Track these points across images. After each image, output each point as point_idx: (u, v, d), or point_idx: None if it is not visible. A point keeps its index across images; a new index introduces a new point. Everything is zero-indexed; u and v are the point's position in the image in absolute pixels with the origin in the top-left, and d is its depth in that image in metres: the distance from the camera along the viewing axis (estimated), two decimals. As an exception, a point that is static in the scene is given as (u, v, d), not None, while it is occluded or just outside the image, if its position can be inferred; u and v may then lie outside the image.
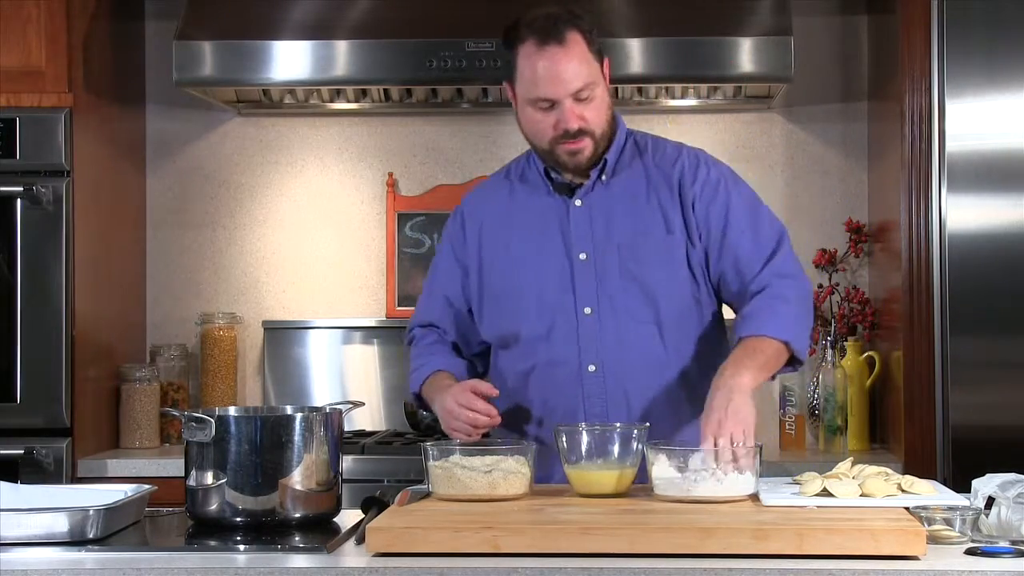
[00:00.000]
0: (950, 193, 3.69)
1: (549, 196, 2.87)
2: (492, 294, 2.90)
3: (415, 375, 2.94)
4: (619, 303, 2.80)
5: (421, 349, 2.97)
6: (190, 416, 2.42)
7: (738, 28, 3.89)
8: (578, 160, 2.79)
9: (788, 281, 2.79)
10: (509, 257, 2.88)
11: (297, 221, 4.47)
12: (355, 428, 4.25)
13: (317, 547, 2.26)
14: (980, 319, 3.68)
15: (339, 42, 3.95)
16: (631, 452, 2.57)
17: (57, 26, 3.89)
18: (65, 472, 3.82)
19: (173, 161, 4.48)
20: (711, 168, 2.86)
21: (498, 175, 3.00)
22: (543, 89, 2.72)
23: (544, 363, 2.83)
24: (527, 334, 2.84)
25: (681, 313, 2.82)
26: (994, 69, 3.68)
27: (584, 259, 2.82)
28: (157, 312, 4.46)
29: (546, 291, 2.83)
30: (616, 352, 2.80)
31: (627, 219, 2.82)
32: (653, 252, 2.81)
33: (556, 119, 2.74)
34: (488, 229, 2.92)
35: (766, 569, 2.08)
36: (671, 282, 2.81)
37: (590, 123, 2.75)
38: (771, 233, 2.83)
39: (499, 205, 2.93)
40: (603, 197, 2.84)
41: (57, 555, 2.24)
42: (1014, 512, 2.24)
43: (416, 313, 3.04)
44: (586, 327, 2.81)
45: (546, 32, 2.71)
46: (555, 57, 2.70)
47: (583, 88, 2.72)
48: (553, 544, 2.18)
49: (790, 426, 4.10)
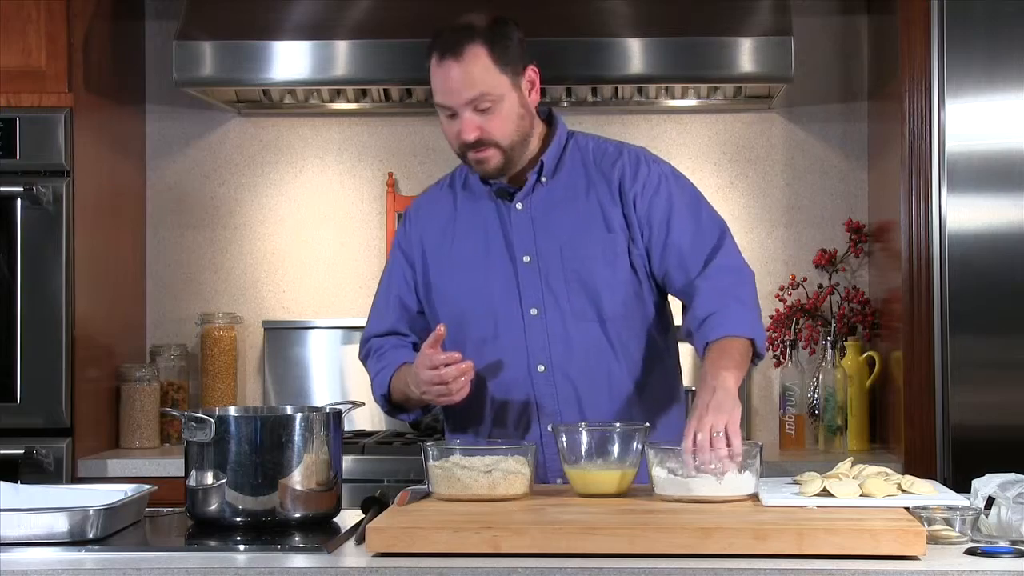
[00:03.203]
0: (950, 193, 3.69)
1: (490, 201, 2.90)
2: (439, 296, 2.92)
3: (379, 378, 2.94)
4: (563, 302, 2.83)
5: (382, 353, 2.96)
6: (190, 416, 2.42)
7: (738, 28, 3.89)
8: (485, 168, 2.82)
9: (733, 276, 2.81)
10: (453, 262, 2.90)
11: (297, 221, 4.47)
12: (355, 428, 4.25)
13: (317, 547, 2.26)
14: (980, 319, 3.68)
15: (339, 42, 3.96)
16: (631, 452, 2.57)
17: (57, 26, 3.89)
18: (65, 472, 3.83)
19: (173, 161, 4.48)
20: (651, 166, 2.88)
21: (442, 183, 3.03)
22: (439, 97, 2.77)
23: (493, 365, 2.85)
24: (474, 336, 2.85)
25: (625, 309, 2.84)
26: (994, 69, 3.68)
27: (528, 261, 2.85)
28: (157, 312, 4.46)
29: (492, 294, 2.85)
30: (563, 351, 2.82)
31: (567, 220, 2.85)
32: (594, 251, 2.83)
33: (458, 128, 2.78)
34: (430, 234, 2.94)
35: (766, 569, 2.09)
36: (613, 280, 2.83)
37: (492, 134, 2.77)
38: (712, 227, 2.85)
39: (443, 212, 2.95)
40: (543, 199, 2.86)
41: (57, 555, 2.24)
42: (1014, 512, 2.24)
43: (369, 325, 3.03)
44: (533, 328, 2.83)
45: (446, 45, 2.75)
46: (449, 69, 2.74)
47: (477, 99, 2.74)
48: (553, 544, 2.18)
49: (790, 426, 4.10)
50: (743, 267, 2.85)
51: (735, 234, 4.31)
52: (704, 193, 2.85)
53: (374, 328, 3.01)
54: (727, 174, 4.40)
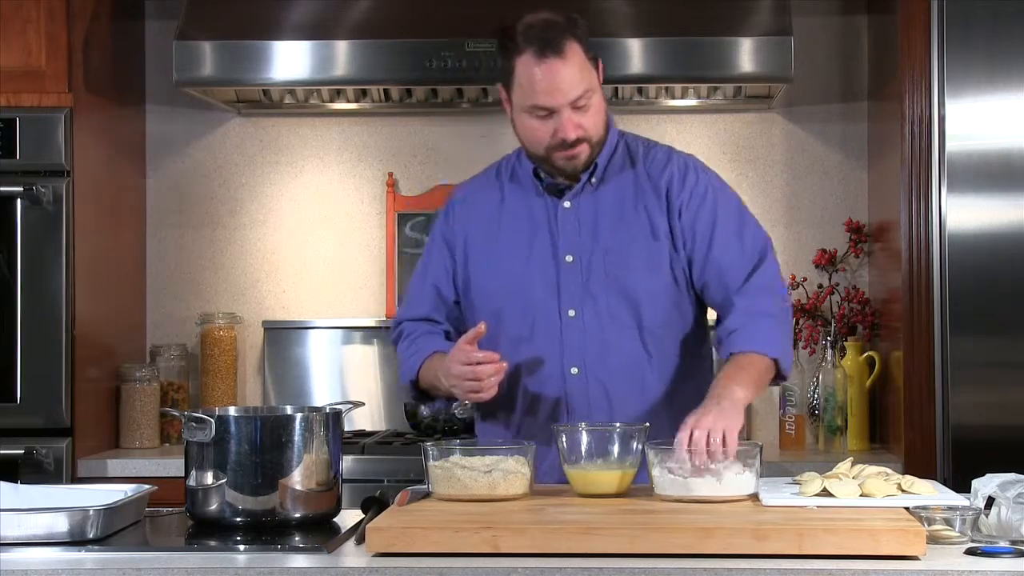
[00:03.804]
0: (950, 193, 3.69)
1: (538, 197, 2.88)
2: (478, 291, 2.90)
3: (409, 363, 2.92)
4: (602, 306, 2.81)
5: (414, 339, 2.95)
6: (190, 416, 2.42)
7: (738, 28, 3.89)
8: (575, 165, 2.80)
9: (771, 297, 2.80)
10: (496, 256, 2.89)
11: (297, 221, 4.47)
12: (355, 428, 4.25)
13: (317, 547, 2.26)
14: (980, 319, 3.68)
15: (339, 42, 3.96)
16: (631, 452, 2.57)
17: (57, 26, 3.89)
18: (65, 472, 3.82)
19: (173, 161, 4.48)
20: (699, 175, 2.87)
21: (489, 172, 3.00)
22: (541, 99, 2.72)
23: (527, 363, 2.84)
24: (511, 334, 2.84)
25: (663, 318, 2.83)
26: (994, 69, 3.68)
27: (570, 261, 2.83)
28: (157, 312, 4.46)
29: (531, 292, 2.84)
30: (598, 355, 2.81)
31: (614, 224, 2.83)
32: (638, 257, 2.82)
33: (554, 128, 2.74)
34: (476, 226, 2.93)
35: (766, 569, 2.09)
36: (654, 287, 2.82)
37: (588, 131, 2.76)
38: (756, 244, 2.85)
39: (490, 204, 2.93)
40: (591, 200, 2.85)
41: (57, 555, 2.24)
42: (1014, 512, 2.24)
43: (404, 308, 3.02)
44: (569, 329, 2.82)
45: (544, 43, 2.70)
46: (554, 68, 2.70)
47: (580, 96, 2.73)
48: (553, 544, 2.18)
49: (790, 426, 4.10)
50: (780, 288, 2.84)
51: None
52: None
53: (408, 312, 2.99)
54: (727, 174, 4.38)
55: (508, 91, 2.80)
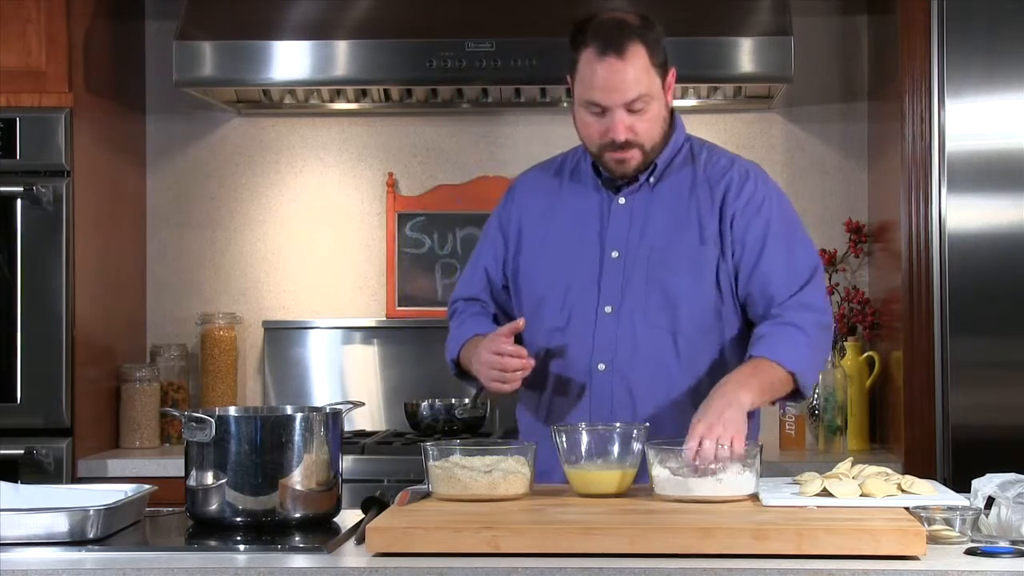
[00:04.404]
0: (950, 193, 3.69)
1: (596, 191, 2.88)
2: (524, 278, 2.92)
3: (453, 343, 2.96)
4: (639, 306, 2.80)
5: (463, 319, 2.98)
6: (190, 416, 2.42)
7: (738, 28, 3.89)
8: (624, 169, 2.80)
9: (811, 315, 2.77)
10: (545, 246, 2.89)
11: (297, 221, 4.47)
12: (355, 428, 4.25)
13: (317, 547, 2.26)
14: (980, 319, 3.68)
15: (339, 42, 3.96)
16: (631, 452, 2.57)
17: (57, 26, 3.89)
18: (65, 472, 3.82)
19: (173, 161, 4.48)
20: (759, 185, 2.85)
21: (553, 161, 3.00)
22: (596, 95, 2.73)
23: (558, 354, 2.84)
24: (548, 324, 2.85)
25: (701, 325, 2.81)
26: (994, 69, 3.68)
27: (615, 257, 2.83)
28: (157, 312, 4.46)
29: (572, 284, 2.84)
30: (627, 354, 2.80)
31: (663, 223, 2.82)
32: (682, 258, 2.80)
33: (606, 127, 2.75)
34: (530, 214, 2.94)
35: (766, 569, 2.08)
36: (695, 292, 2.80)
37: (640, 135, 2.75)
38: (806, 263, 2.82)
39: (548, 193, 2.94)
40: (646, 199, 2.85)
41: (57, 555, 2.24)
42: (1014, 512, 2.24)
43: (458, 287, 3.06)
44: (603, 325, 2.82)
45: (609, 40, 2.71)
46: (613, 67, 2.70)
47: (636, 100, 2.72)
48: (553, 544, 2.18)
49: (790, 426, 4.10)
50: (825, 310, 2.81)
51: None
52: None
53: (461, 291, 3.03)
54: (727, 174, 4.39)
55: (572, 83, 2.81)
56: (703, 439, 2.50)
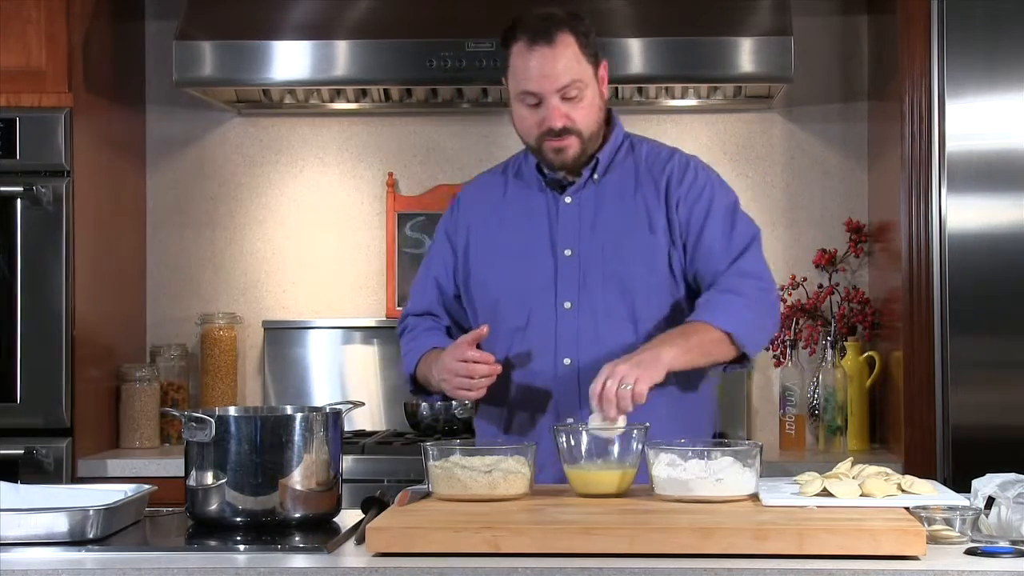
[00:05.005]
0: (950, 193, 3.69)
1: (541, 192, 2.93)
2: (476, 283, 2.94)
3: (408, 357, 2.98)
4: (598, 299, 2.85)
5: (416, 333, 3.00)
6: (190, 416, 2.42)
7: (738, 28, 3.89)
8: (563, 158, 2.84)
9: (750, 280, 2.83)
10: (495, 248, 2.92)
11: (297, 221, 4.47)
12: (355, 428, 4.25)
13: (317, 547, 2.26)
14: (980, 319, 3.68)
15: (339, 42, 3.96)
16: (631, 452, 2.57)
17: (57, 26, 3.89)
18: (65, 472, 3.82)
19: (173, 161, 4.48)
20: (699, 172, 2.91)
21: (496, 169, 3.06)
22: (530, 84, 2.77)
23: (521, 353, 2.87)
24: (508, 326, 2.87)
25: (659, 313, 2.86)
26: (994, 69, 3.68)
27: (569, 255, 2.87)
28: (157, 312, 4.46)
29: (528, 284, 2.88)
30: (592, 347, 2.84)
31: (613, 219, 2.87)
32: (635, 251, 2.86)
33: (542, 116, 2.80)
34: (478, 219, 2.97)
35: (766, 569, 2.08)
36: (651, 281, 2.85)
37: (577, 123, 2.80)
38: (744, 234, 2.88)
39: (493, 198, 2.98)
40: (593, 196, 2.89)
41: (57, 555, 2.24)
42: (1014, 512, 2.24)
43: (408, 303, 3.08)
44: (564, 321, 2.85)
45: (537, 32, 2.77)
46: (544, 55, 2.76)
47: (569, 86, 2.77)
48: (553, 544, 2.18)
49: (790, 426, 4.10)
50: (763, 274, 2.86)
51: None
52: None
53: (412, 307, 3.05)
54: (727, 174, 4.36)
55: (507, 82, 2.85)
56: (607, 379, 2.54)
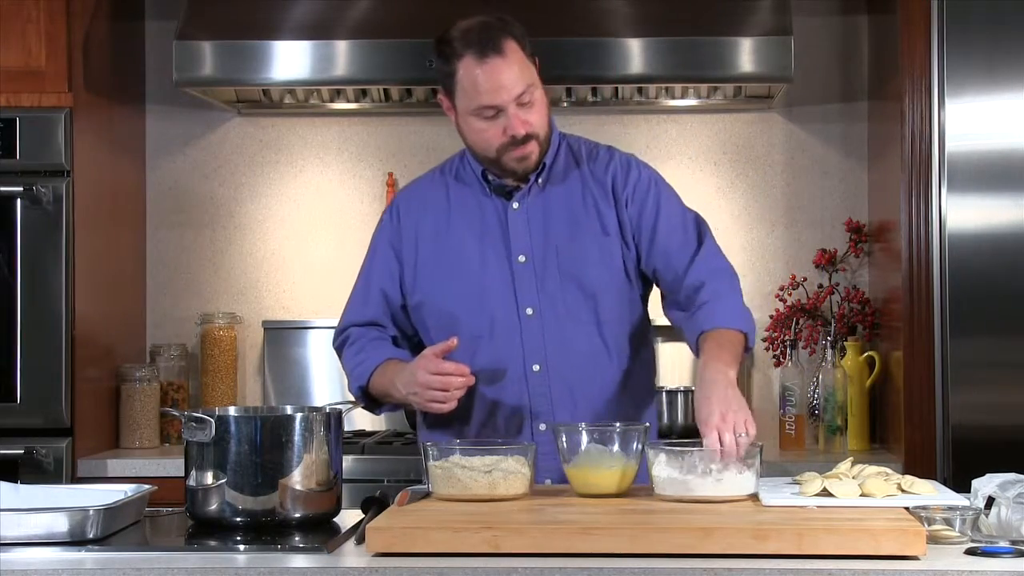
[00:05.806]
0: (950, 193, 3.69)
1: (487, 198, 2.90)
2: (429, 293, 2.90)
3: (359, 369, 2.90)
4: (559, 303, 2.84)
5: (362, 345, 2.93)
6: (190, 416, 2.42)
7: (738, 28, 3.89)
8: (526, 165, 2.82)
9: (724, 275, 2.85)
10: (446, 258, 2.89)
11: (297, 221, 4.47)
12: (355, 428, 4.25)
13: (317, 547, 2.27)
14: (980, 319, 3.68)
15: (339, 42, 3.96)
16: (631, 452, 2.57)
17: (57, 26, 3.89)
18: (65, 472, 3.83)
19: (173, 161, 4.48)
20: (641, 170, 2.92)
21: (432, 174, 3.00)
22: (487, 98, 2.74)
23: (488, 363, 2.84)
24: (468, 334, 2.83)
25: (619, 311, 2.88)
26: (994, 69, 3.68)
27: (523, 261, 2.86)
28: (157, 312, 4.46)
29: (486, 292, 2.85)
30: (559, 351, 2.84)
31: (564, 222, 2.86)
32: (591, 253, 2.85)
33: (503, 126, 2.76)
34: (424, 230, 2.92)
35: (766, 569, 2.09)
36: (609, 282, 2.86)
37: (535, 126, 2.79)
38: (694, 226, 2.90)
39: (436, 206, 2.93)
40: (540, 201, 2.88)
41: (57, 555, 2.24)
42: (1014, 512, 2.24)
43: (348, 313, 2.99)
44: (528, 327, 2.84)
45: (484, 43, 2.73)
46: (496, 67, 2.73)
47: (524, 92, 2.75)
48: (553, 544, 2.18)
49: (790, 426, 4.10)
50: (726, 261, 2.90)
51: (735, 234, 4.36)
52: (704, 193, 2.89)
53: (353, 317, 2.98)
54: (727, 174, 4.40)
55: (451, 98, 2.81)
56: (722, 432, 2.51)
